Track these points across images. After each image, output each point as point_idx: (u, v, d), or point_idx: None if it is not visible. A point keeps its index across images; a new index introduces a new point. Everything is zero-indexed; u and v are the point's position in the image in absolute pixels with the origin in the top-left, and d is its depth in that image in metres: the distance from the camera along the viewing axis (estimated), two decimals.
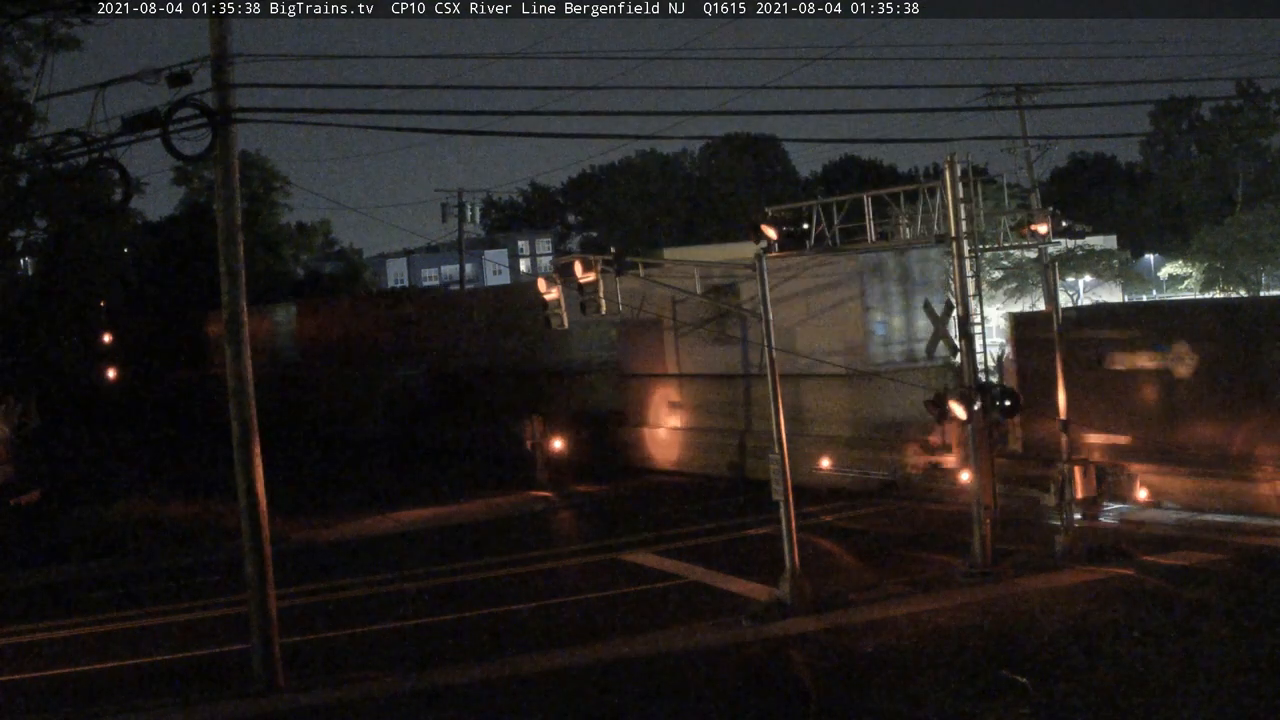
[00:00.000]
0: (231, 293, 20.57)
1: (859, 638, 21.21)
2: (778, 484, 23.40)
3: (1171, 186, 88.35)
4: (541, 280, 26.71)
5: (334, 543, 34.50)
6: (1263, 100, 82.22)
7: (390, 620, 25.07)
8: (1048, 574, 24.30)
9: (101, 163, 19.42)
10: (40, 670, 22.85)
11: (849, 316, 36.63)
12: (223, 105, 19.75)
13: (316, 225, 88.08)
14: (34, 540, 34.50)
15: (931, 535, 28.99)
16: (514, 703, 19.45)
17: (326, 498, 40.89)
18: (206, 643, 23.96)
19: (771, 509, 24.82)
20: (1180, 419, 29.44)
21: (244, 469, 20.63)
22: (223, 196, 20.61)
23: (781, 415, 23.81)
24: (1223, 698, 17.02)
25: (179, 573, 30.99)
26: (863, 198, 29.80)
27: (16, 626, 26.06)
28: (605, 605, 25.17)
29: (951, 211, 25.53)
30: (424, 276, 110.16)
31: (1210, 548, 25.41)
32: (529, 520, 36.24)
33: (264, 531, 20.68)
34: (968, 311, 25.38)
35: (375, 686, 20.56)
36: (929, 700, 17.75)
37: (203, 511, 36.56)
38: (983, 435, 25.48)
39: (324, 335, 66.33)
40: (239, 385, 20.60)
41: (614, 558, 29.49)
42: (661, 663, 20.67)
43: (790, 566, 23.22)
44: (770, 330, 23.93)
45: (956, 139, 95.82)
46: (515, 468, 42.38)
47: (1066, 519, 25.62)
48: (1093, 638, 20.07)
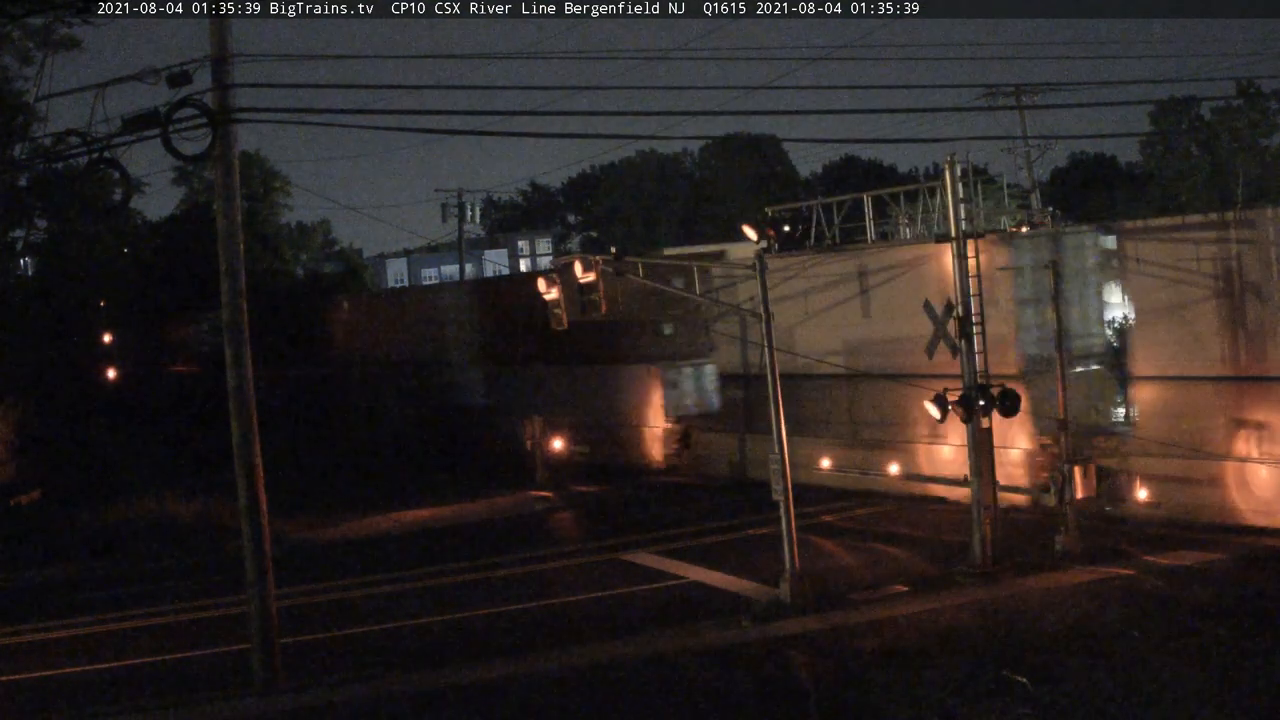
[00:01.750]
0: (231, 292, 20.57)
1: (859, 638, 21.21)
2: (778, 484, 23.41)
3: (1171, 186, 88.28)
4: (541, 280, 26.71)
5: (334, 543, 34.51)
6: (1263, 100, 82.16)
7: (390, 620, 25.06)
8: (1048, 574, 24.30)
9: (101, 163, 19.41)
10: (40, 670, 22.85)
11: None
12: (223, 105, 19.76)
13: (316, 225, 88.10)
14: (34, 540, 34.51)
15: (931, 535, 28.98)
16: (514, 703, 19.45)
17: (326, 498, 40.87)
18: (206, 643, 23.96)
19: (771, 509, 24.82)
20: None
21: (244, 469, 20.62)
22: (223, 196, 20.62)
23: (782, 415, 23.81)
24: (1223, 698, 17.02)
25: (179, 573, 31.01)
26: (863, 198, 29.83)
27: (16, 626, 26.07)
28: (605, 605, 25.17)
29: (951, 211, 25.54)
30: (424, 276, 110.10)
31: (1210, 548, 25.40)
32: (529, 520, 36.24)
33: (264, 531, 20.68)
34: (968, 311, 25.37)
35: (375, 686, 20.57)
36: (929, 700, 17.75)
37: (203, 511, 36.55)
38: (983, 435, 25.48)
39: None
40: (239, 385, 20.60)
41: (614, 558, 29.49)
42: (662, 663, 20.67)
43: (790, 566, 23.22)
44: (770, 330, 23.93)
45: (956, 139, 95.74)
46: (515, 468, 42.41)
47: (1066, 519, 25.63)
48: (1093, 638, 20.07)
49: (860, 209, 29.44)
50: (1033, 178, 59.28)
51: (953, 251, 25.61)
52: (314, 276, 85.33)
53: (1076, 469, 26.11)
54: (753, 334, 35.73)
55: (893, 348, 32.88)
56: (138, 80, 18.93)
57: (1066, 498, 25.70)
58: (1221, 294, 27.14)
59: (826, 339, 35.61)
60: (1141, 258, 28.54)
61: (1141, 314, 28.84)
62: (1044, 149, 59.73)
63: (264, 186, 78.58)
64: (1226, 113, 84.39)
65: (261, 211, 77.05)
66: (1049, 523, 26.65)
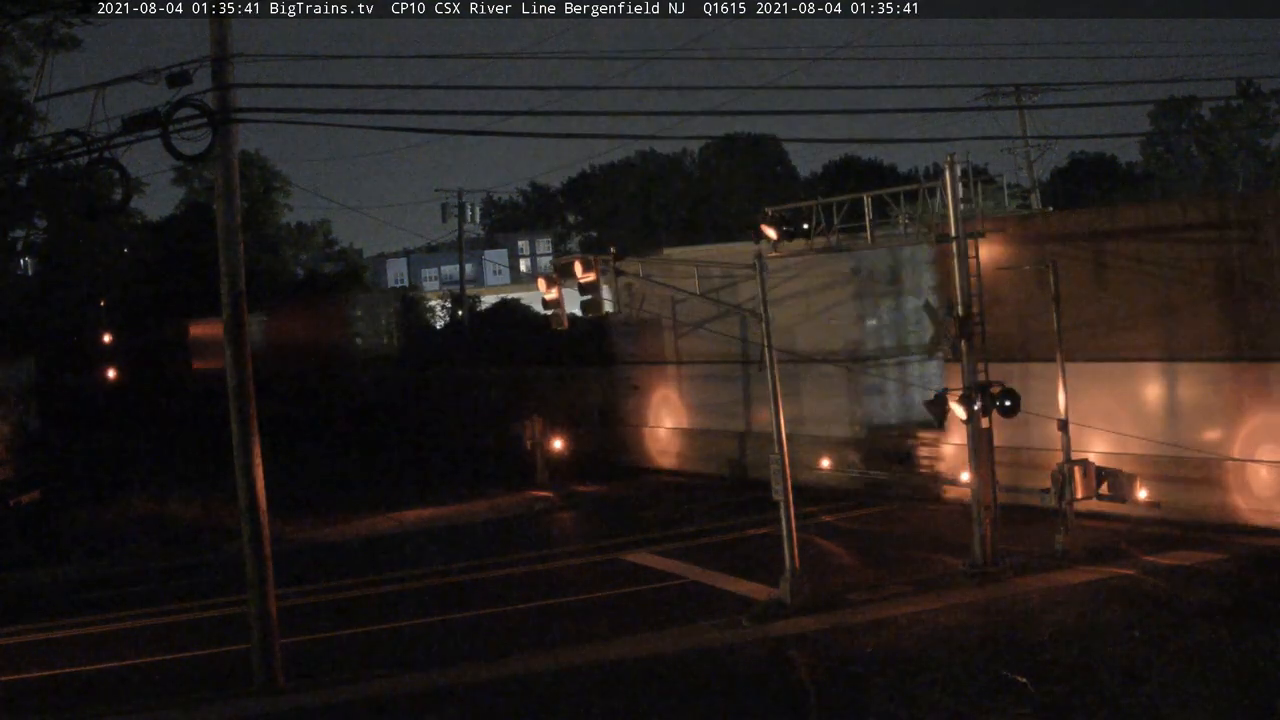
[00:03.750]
0: (232, 293, 20.57)
1: (859, 638, 21.21)
2: (778, 484, 23.41)
3: (1171, 186, 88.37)
4: (541, 280, 26.70)
5: (334, 543, 34.50)
6: (1263, 100, 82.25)
7: (390, 620, 25.07)
8: (1048, 574, 24.31)
9: (101, 163, 19.41)
10: (40, 670, 22.85)
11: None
12: (223, 105, 19.76)
13: (316, 225, 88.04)
14: (34, 540, 34.50)
15: (931, 535, 28.98)
16: (514, 703, 19.46)
17: (327, 498, 40.85)
18: (206, 643, 23.97)
19: (771, 509, 24.82)
20: None
21: (244, 469, 20.63)
22: (222, 196, 20.62)
23: (782, 415, 23.80)
24: (1223, 698, 17.02)
25: (179, 573, 31.01)
26: (863, 198, 29.83)
27: (16, 626, 26.06)
28: (605, 605, 25.17)
29: (951, 211, 25.54)
30: (424, 276, 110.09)
31: (1210, 548, 25.39)
32: (529, 520, 36.24)
33: (264, 531, 20.69)
34: (968, 311, 25.37)
35: (375, 686, 20.57)
36: (929, 700, 17.75)
37: (203, 511, 36.54)
38: (983, 435, 25.47)
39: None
40: (239, 385, 20.60)
41: (614, 558, 29.49)
42: (662, 663, 20.68)
43: (790, 566, 23.22)
44: (770, 330, 23.93)
45: (956, 139, 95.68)
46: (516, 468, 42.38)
47: (1066, 519, 25.62)
48: (1093, 638, 20.07)
49: (860, 209, 29.44)
50: (1033, 177, 59.30)
51: (953, 251, 25.63)
52: (313, 276, 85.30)
53: (1076, 469, 26.12)
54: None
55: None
56: (138, 80, 18.94)
57: (1066, 498, 25.69)
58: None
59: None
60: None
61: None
62: (1044, 149, 59.75)
63: (264, 186, 78.54)
64: (1226, 113, 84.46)
65: (261, 211, 77.02)
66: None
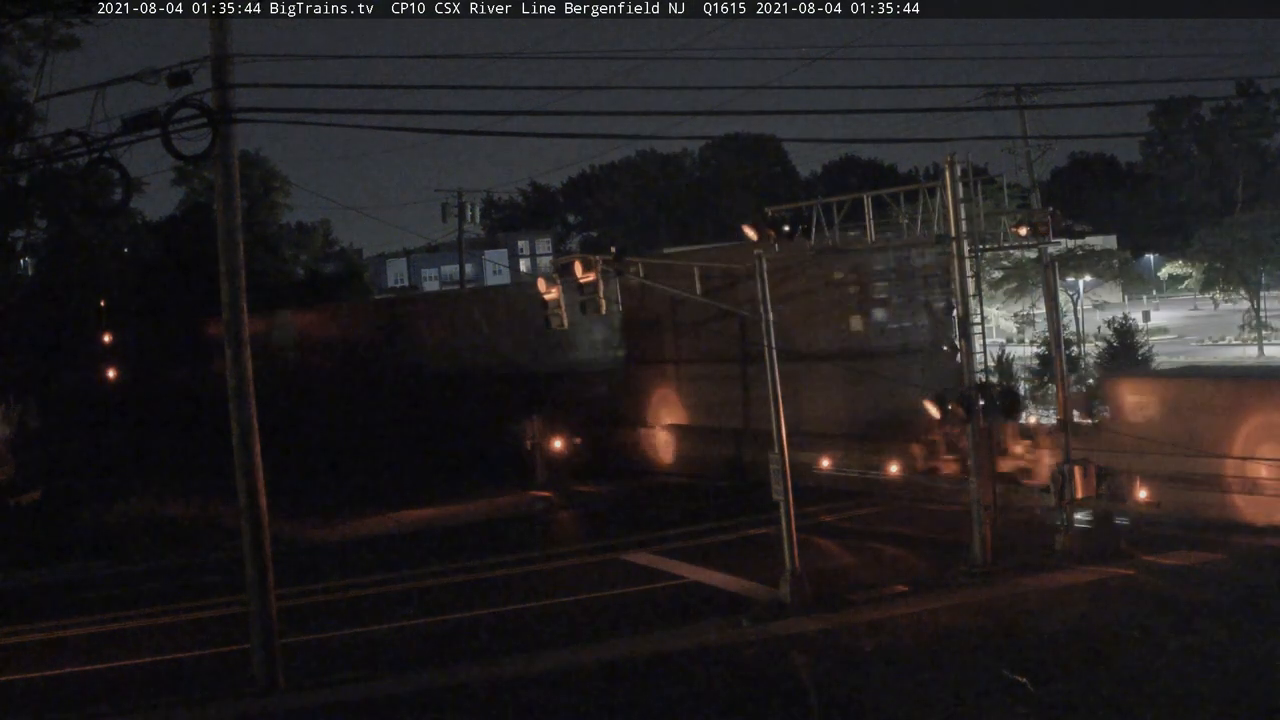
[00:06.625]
0: (232, 293, 20.56)
1: (859, 638, 21.20)
2: (778, 484, 23.40)
3: (1171, 186, 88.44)
4: (541, 280, 26.68)
5: (334, 543, 34.49)
6: (1263, 100, 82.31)
7: (390, 620, 25.06)
8: (1048, 574, 24.29)
9: (101, 163, 19.40)
10: (40, 670, 22.85)
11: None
12: (223, 105, 19.74)
13: (316, 225, 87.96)
14: (34, 540, 34.49)
15: (931, 535, 28.98)
16: (514, 703, 19.43)
17: (327, 498, 40.85)
18: (206, 643, 23.96)
19: (771, 509, 24.81)
20: None
21: (244, 470, 20.62)
22: (223, 197, 20.61)
23: (781, 415, 23.80)
24: (1223, 698, 17.02)
25: (179, 573, 31.00)
26: (863, 198, 29.78)
27: (16, 626, 26.06)
28: (605, 605, 25.17)
29: (951, 211, 25.53)
30: (424, 276, 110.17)
31: (1210, 548, 25.38)
32: (529, 520, 36.24)
33: (264, 531, 20.68)
34: (968, 311, 25.37)
35: (375, 686, 20.56)
36: (929, 700, 17.75)
37: (203, 511, 36.49)
38: (983, 435, 25.47)
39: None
40: (239, 385, 20.59)
41: (614, 558, 29.48)
42: (662, 663, 20.66)
43: (790, 566, 23.21)
44: (770, 330, 23.92)
45: (956, 139, 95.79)
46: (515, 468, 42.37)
47: (1066, 519, 25.62)
48: (1093, 638, 20.07)
49: (860, 209, 29.39)
50: (1033, 177, 59.39)
51: (953, 251, 25.63)
52: (314, 276, 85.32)
53: (1077, 469, 26.13)
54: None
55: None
56: (138, 80, 18.93)
57: (1066, 497, 25.69)
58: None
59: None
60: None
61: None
62: (1044, 149, 59.90)
63: (264, 187, 78.45)
64: (1226, 113, 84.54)
65: (261, 212, 76.98)
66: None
